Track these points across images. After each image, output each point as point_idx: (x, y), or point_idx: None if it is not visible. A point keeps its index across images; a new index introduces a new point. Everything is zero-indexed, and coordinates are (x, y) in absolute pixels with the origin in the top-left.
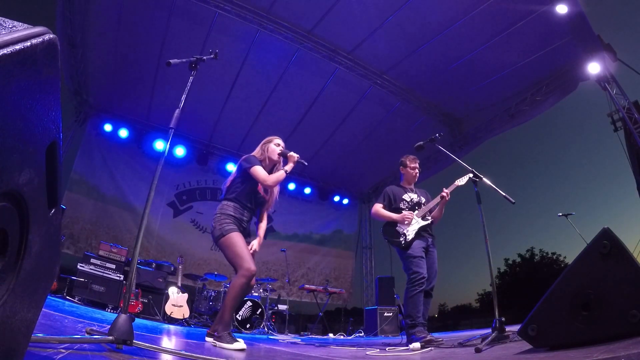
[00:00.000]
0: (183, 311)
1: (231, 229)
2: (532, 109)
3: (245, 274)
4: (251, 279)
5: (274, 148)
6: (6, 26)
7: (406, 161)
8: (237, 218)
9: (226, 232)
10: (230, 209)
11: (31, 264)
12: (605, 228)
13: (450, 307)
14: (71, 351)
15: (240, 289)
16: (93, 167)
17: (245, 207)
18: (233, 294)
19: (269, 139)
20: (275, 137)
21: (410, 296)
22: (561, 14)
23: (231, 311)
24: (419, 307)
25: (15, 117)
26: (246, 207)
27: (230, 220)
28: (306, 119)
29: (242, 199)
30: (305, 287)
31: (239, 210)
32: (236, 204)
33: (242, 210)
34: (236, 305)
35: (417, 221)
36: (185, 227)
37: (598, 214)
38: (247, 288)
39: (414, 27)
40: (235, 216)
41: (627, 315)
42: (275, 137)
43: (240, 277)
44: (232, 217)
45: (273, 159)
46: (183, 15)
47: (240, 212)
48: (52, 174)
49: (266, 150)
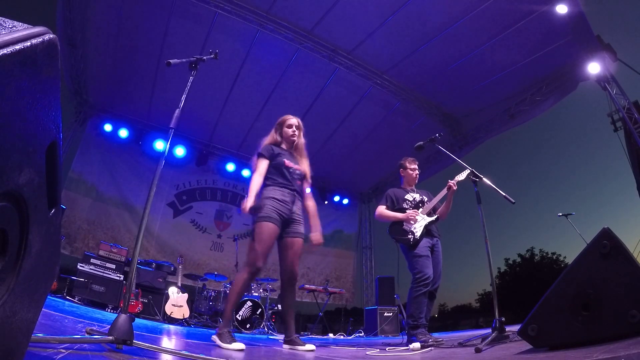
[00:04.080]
0: (183, 311)
1: (265, 217)
2: (532, 109)
3: (248, 269)
4: (255, 274)
5: (287, 130)
6: (6, 26)
7: (405, 163)
8: (279, 200)
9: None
10: (269, 193)
11: (31, 264)
12: (605, 228)
13: (450, 307)
14: (71, 351)
15: (242, 284)
16: (92, 166)
17: (284, 188)
18: (236, 288)
19: (282, 120)
20: (289, 117)
21: (415, 296)
22: (561, 14)
23: (232, 306)
24: (422, 308)
25: (15, 117)
26: (286, 187)
27: (269, 207)
28: (306, 119)
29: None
30: (305, 287)
31: (278, 193)
32: (274, 187)
33: (282, 192)
34: (238, 300)
35: (423, 218)
36: (185, 227)
37: (598, 214)
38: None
39: (414, 27)
40: (276, 198)
41: (627, 315)
42: (288, 116)
43: (243, 272)
44: (272, 201)
45: (290, 139)
46: (183, 15)
47: (281, 194)
48: (52, 174)
49: (279, 133)
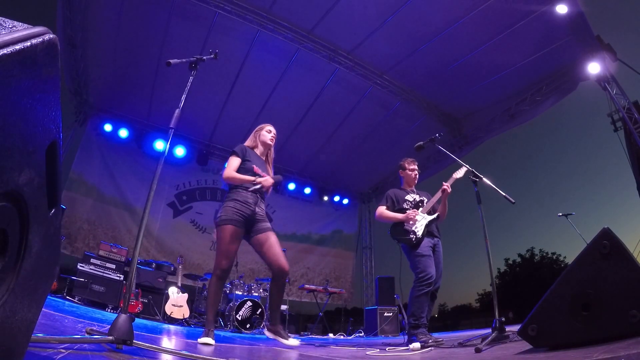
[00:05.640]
0: (183, 311)
1: (225, 220)
2: (532, 109)
3: (214, 272)
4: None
5: (265, 135)
6: (6, 26)
7: (404, 164)
8: (240, 201)
9: (219, 223)
10: (232, 195)
11: (31, 264)
12: (605, 228)
13: (451, 307)
14: (71, 351)
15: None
16: (92, 166)
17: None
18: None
19: (261, 127)
20: (267, 125)
21: (417, 295)
22: (561, 14)
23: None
24: (424, 308)
25: (15, 117)
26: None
27: (229, 209)
28: (306, 119)
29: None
30: (305, 287)
31: (241, 195)
32: (238, 189)
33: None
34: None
35: (424, 217)
36: (185, 228)
37: (598, 214)
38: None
39: (414, 27)
40: (238, 200)
41: (627, 315)
42: (266, 124)
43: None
44: (234, 202)
45: (267, 143)
46: (183, 15)
47: (244, 196)
48: (52, 174)
49: (258, 137)
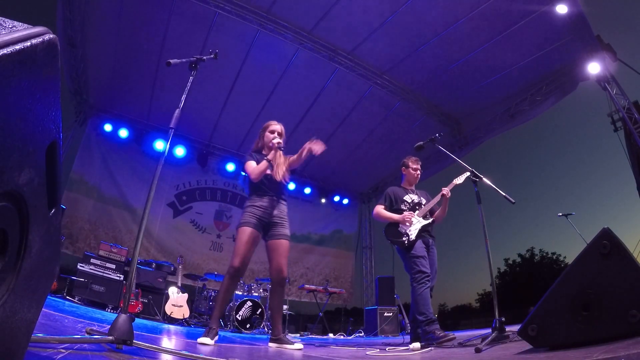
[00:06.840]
0: (183, 311)
1: (243, 222)
2: (532, 109)
3: (228, 270)
4: (233, 275)
5: (268, 135)
6: (6, 26)
7: (408, 162)
8: (257, 206)
9: (238, 225)
10: (249, 201)
11: (31, 264)
12: (605, 228)
13: (450, 307)
14: (71, 351)
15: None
16: (93, 167)
17: (263, 195)
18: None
19: (265, 125)
20: (272, 123)
21: (419, 293)
22: (561, 14)
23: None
24: (429, 302)
25: (15, 117)
26: (265, 194)
27: (248, 213)
28: (306, 119)
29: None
30: (305, 287)
31: (258, 201)
32: (254, 196)
33: (261, 199)
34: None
35: (419, 220)
36: (185, 228)
37: (598, 214)
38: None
39: (414, 27)
40: (255, 205)
41: (627, 315)
42: (271, 122)
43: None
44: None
45: (269, 146)
46: (183, 15)
47: (260, 201)
48: (52, 174)
49: (262, 138)
